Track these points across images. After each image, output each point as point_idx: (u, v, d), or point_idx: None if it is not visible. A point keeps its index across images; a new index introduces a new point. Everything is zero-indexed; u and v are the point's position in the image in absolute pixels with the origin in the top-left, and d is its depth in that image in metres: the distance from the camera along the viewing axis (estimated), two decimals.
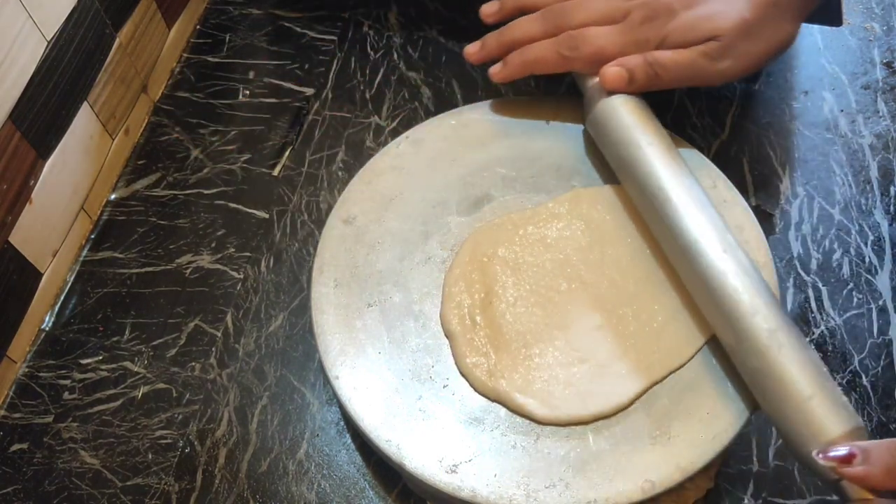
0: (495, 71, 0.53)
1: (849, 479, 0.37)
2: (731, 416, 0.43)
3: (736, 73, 0.49)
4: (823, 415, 0.39)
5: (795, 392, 0.39)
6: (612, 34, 0.50)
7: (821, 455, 0.38)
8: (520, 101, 0.56)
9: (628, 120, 0.49)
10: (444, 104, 0.62)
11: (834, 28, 0.63)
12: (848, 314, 0.53)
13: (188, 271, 0.57)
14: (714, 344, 0.45)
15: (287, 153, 0.62)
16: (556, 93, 0.61)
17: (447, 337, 0.47)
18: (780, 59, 0.64)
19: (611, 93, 0.49)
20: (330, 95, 0.65)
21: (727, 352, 0.44)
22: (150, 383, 0.53)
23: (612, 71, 0.48)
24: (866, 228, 0.56)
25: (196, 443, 0.50)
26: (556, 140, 0.54)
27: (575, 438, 0.43)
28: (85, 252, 0.59)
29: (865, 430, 0.39)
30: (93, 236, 0.59)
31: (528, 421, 0.44)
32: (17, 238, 0.52)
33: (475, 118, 0.55)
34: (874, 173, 0.58)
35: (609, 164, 0.50)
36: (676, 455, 0.42)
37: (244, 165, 0.62)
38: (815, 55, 0.64)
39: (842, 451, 0.37)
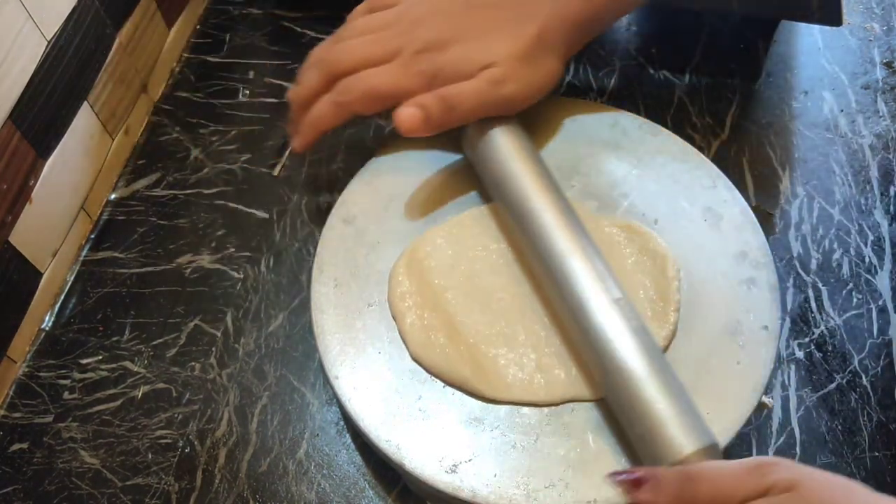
0: (294, 144, 0.53)
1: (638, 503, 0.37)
2: (731, 417, 0.43)
3: (522, 99, 0.50)
4: (674, 434, 0.39)
5: (649, 413, 0.40)
6: (384, 71, 0.49)
7: (612, 478, 0.38)
8: None
9: (503, 151, 0.49)
10: None
11: (834, 28, 0.63)
12: (848, 314, 0.53)
13: (188, 271, 0.57)
14: (712, 343, 0.45)
15: (287, 153, 0.62)
16: (556, 93, 0.61)
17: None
18: (781, 59, 0.64)
19: (409, 133, 0.48)
20: None
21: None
22: (150, 383, 0.53)
23: (407, 112, 0.48)
24: (866, 228, 0.56)
25: (196, 443, 0.50)
26: (556, 140, 0.54)
27: (575, 438, 0.43)
28: (85, 252, 0.59)
29: (718, 449, 0.40)
30: (93, 236, 0.59)
31: (528, 421, 0.44)
32: (17, 238, 0.52)
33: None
34: (874, 173, 0.58)
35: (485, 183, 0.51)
36: None
37: (244, 165, 0.62)
38: (815, 55, 0.64)
39: (632, 475, 0.37)
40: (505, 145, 0.49)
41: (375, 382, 0.46)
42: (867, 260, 0.55)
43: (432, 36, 0.49)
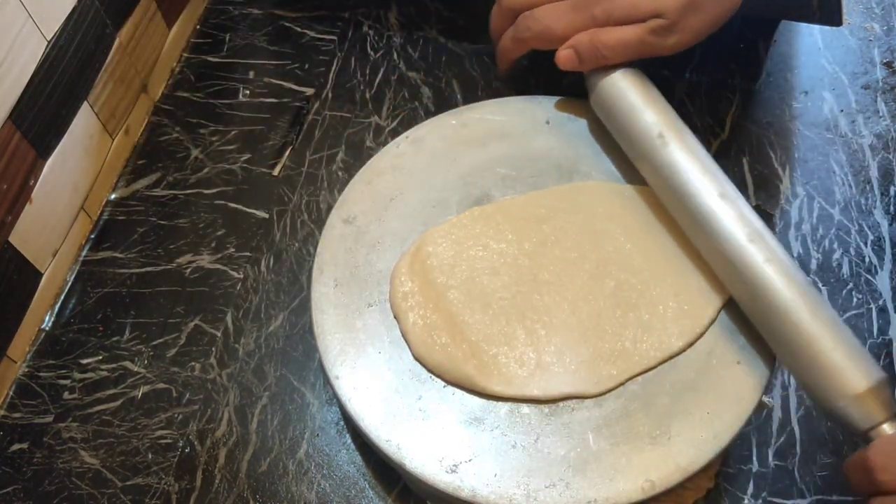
0: (498, 67, 0.58)
1: None
2: (731, 416, 0.43)
3: (683, 47, 0.51)
4: (847, 367, 0.40)
5: (818, 346, 0.41)
6: (558, 11, 0.52)
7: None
8: (520, 101, 0.56)
9: (631, 95, 0.50)
10: (444, 104, 0.62)
11: (834, 28, 0.63)
12: (848, 314, 0.53)
13: (188, 271, 0.57)
14: (712, 343, 0.45)
15: (287, 153, 0.62)
16: (557, 93, 0.61)
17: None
18: (781, 59, 0.64)
19: (566, 69, 0.52)
20: (330, 95, 0.65)
21: (746, 314, 0.45)
22: (150, 383, 0.53)
23: (563, 54, 0.51)
24: (866, 228, 0.56)
25: (196, 443, 0.50)
26: (556, 140, 0.54)
27: (575, 438, 0.43)
28: (85, 252, 0.59)
29: (888, 382, 0.40)
30: (93, 236, 0.59)
31: (528, 421, 0.44)
32: (17, 238, 0.52)
33: (475, 118, 0.55)
34: (874, 173, 0.58)
35: (618, 141, 0.52)
36: (676, 455, 0.42)
37: (244, 165, 0.62)
38: (815, 55, 0.64)
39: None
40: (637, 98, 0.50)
41: (375, 382, 0.45)
42: (867, 260, 0.55)
43: None
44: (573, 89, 0.62)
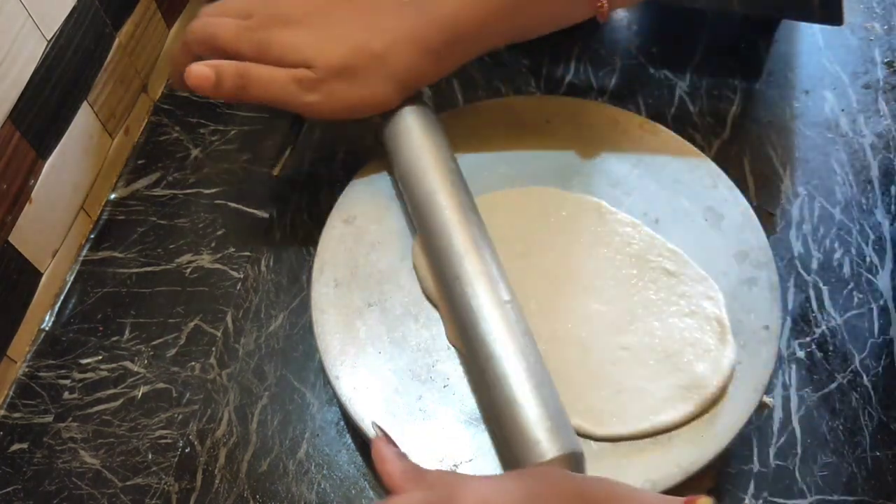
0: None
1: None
2: (732, 416, 0.43)
3: (324, 112, 0.49)
4: (540, 438, 0.39)
5: (518, 415, 0.40)
6: (228, 25, 0.50)
7: None
8: (520, 101, 0.56)
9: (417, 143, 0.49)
10: (444, 104, 0.62)
11: (835, 27, 0.62)
12: (849, 314, 0.53)
13: (188, 271, 0.57)
14: None
15: (287, 153, 0.62)
16: (557, 92, 0.61)
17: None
18: (781, 58, 0.64)
19: (194, 90, 0.49)
20: None
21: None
22: (150, 383, 0.53)
23: (200, 71, 0.48)
24: (867, 228, 0.56)
25: (196, 443, 0.50)
26: (556, 140, 0.54)
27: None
28: (85, 252, 0.59)
29: (581, 458, 0.39)
30: (93, 236, 0.59)
31: None
32: (17, 238, 0.52)
33: (475, 118, 0.55)
34: (875, 173, 0.58)
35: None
36: (676, 455, 0.42)
37: (244, 165, 0.62)
38: (815, 54, 0.64)
39: None
40: (415, 141, 0.49)
41: (375, 382, 0.45)
42: (868, 259, 0.55)
43: (285, 11, 0.49)
44: (573, 89, 0.62)
